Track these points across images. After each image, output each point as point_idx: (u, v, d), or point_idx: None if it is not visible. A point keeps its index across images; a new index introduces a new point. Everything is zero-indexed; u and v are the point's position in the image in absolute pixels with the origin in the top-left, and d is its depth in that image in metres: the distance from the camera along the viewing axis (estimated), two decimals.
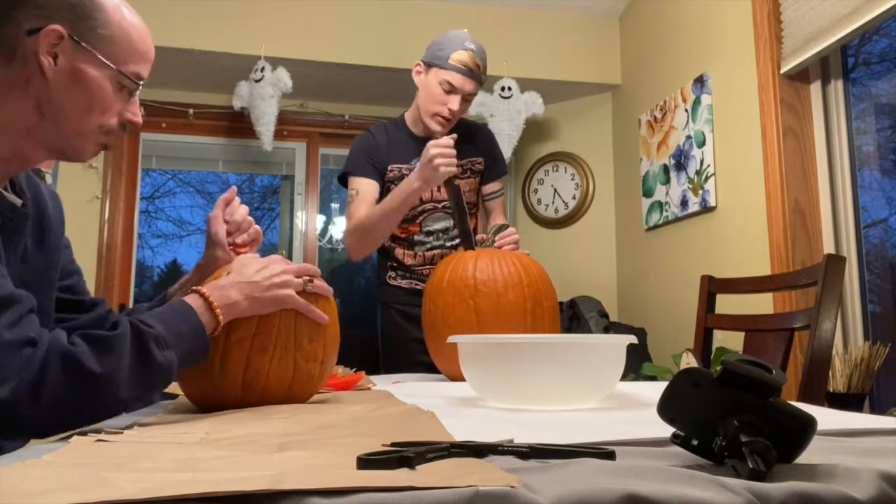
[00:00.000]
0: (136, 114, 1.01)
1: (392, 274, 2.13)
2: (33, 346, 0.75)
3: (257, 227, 1.27)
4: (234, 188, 1.27)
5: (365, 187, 2.01)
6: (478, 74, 1.97)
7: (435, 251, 2.08)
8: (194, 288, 0.97)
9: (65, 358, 0.76)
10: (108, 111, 0.96)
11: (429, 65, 2.00)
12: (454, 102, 1.94)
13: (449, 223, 2.07)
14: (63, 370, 0.75)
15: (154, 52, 1.02)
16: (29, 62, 0.90)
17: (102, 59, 0.93)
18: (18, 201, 0.97)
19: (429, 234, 2.08)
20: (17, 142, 0.93)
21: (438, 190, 2.02)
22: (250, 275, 1.01)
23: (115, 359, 0.79)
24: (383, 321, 2.17)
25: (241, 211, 1.25)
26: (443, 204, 2.05)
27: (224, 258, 1.21)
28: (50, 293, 1.04)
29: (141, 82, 0.99)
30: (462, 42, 1.97)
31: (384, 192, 2.04)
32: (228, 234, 1.23)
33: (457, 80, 1.94)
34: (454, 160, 1.74)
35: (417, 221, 2.06)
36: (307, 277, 1.05)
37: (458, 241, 2.06)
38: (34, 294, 0.86)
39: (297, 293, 1.03)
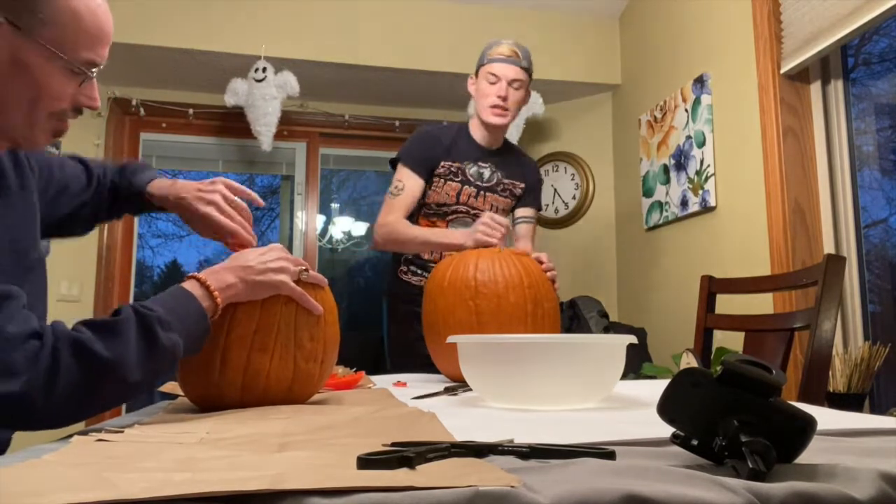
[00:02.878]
0: (93, 97, 0.95)
1: (404, 269, 2.15)
2: (38, 338, 0.75)
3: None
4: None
5: (410, 185, 2.05)
6: (517, 60, 2.06)
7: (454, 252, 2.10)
8: (190, 274, 0.97)
9: (74, 345, 0.75)
10: (57, 99, 0.91)
11: (476, 71, 2.11)
12: (500, 89, 2.03)
13: None
14: (74, 358, 0.75)
15: (112, 28, 0.96)
16: None
17: (48, 47, 0.87)
18: None
19: None
20: None
21: (476, 197, 2.09)
22: (246, 259, 1.00)
23: (122, 343, 0.79)
24: (390, 318, 2.19)
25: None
26: (475, 211, 2.08)
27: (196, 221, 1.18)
28: (29, 250, 1.00)
29: (93, 69, 0.93)
30: (499, 41, 2.10)
31: (429, 183, 2.08)
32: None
33: (497, 68, 2.05)
34: (495, 237, 1.75)
35: (447, 219, 2.08)
36: (303, 266, 1.05)
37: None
38: (19, 235, 0.84)
39: (294, 282, 1.03)
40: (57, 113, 0.92)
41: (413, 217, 2.12)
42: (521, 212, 2.20)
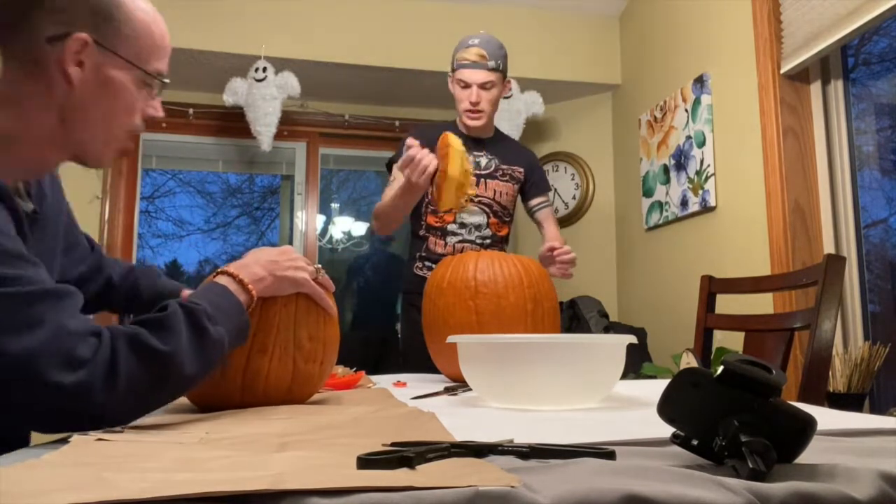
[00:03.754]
0: (158, 108, 0.99)
1: (419, 264, 2.20)
2: (97, 336, 0.75)
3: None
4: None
5: (399, 177, 2.09)
6: (483, 63, 2.08)
7: (465, 244, 2.14)
8: (221, 269, 0.98)
9: (131, 340, 0.76)
10: (132, 112, 0.95)
11: (451, 74, 2.17)
12: (472, 95, 2.09)
13: (483, 219, 2.16)
14: (132, 351, 0.76)
15: (170, 40, 1.00)
16: (51, 71, 0.87)
17: (128, 60, 0.91)
18: (30, 206, 0.97)
19: (462, 225, 2.15)
20: (39, 149, 0.91)
21: (477, 185, 2.13)
22: (270, 255, 1.02)
23: (175, 336, 0.79)
24: (403, 314, 2.22)
25: None
26: (479, 199, 2.13)
27: None
28: (54, 267, 1.04)
29: (165, 79, 0.97)
30: (467, 41, 2.12)
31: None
32: None
33: (465, 75, 2.10)
34: (424, 164, 1.77)
35: (454, 212, 2.10)
36: (319, 266, 1.08)
37: (489, 240, 2.16)
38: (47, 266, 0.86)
39: None
40: (131, 129, 0.96)
41: (420, 216, 2.19)
42: (535, 200, 2.25)
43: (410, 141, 1.84)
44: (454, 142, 1.69)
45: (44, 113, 0.89)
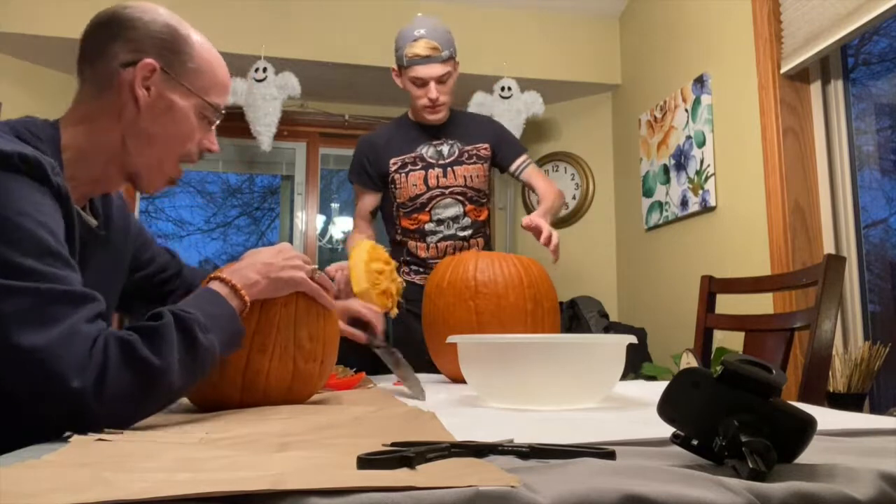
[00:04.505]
0: (213, 142, 1.08)
1: (406, 269, 2.15)
2: (95, 341, 0.76)
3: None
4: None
5: (362, 201, 2.16)
6: (437, 55, 2.00)
7: (447, 242, 2.10)
8: (213, 275, 0.98)
9: (124, 348, 0.77)
10: (190, 140, 1.03)
11: (397, 68, 2.09)
12: (430, 91, 2.01)
13: (459, 210, 2.10)
14: (123, 360, 0.76)
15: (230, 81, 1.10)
16: (123, 93, 0.96)
17: (191, 89, 1.00)
18: (94, 222, 1.02)
19: (439, 222, 2.10)
20: (103, 167, 0.99)
21: (445, 175, 2.08)
22: (265, 257, 1.02)
23: (168, 348, 0.80)
24: (393, 319, 2.19)
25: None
26: (450, 189, 2.08)
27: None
28: (109, 298, 1.05)
29: (223, 111, 1.05)
30: (412, 33, 2.03)
31: (389, 183, 2.10)
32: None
33: (419, 71, 2.01)
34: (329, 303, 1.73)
35: (427, 209, 2.07)
36: (315, 266, 1.08)
37: (469, 230, 2.09)
38: (104, 289, 0.88)
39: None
40: (186, 154, 1.04)
41: (393, 221, 2.15)
42: (514, 164, 2.16)
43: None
44: (352, 257, 1.56)
45: (112, 132, 0.98)
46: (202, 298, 0.93)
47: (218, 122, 1.07)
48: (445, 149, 2.10)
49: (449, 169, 2.08)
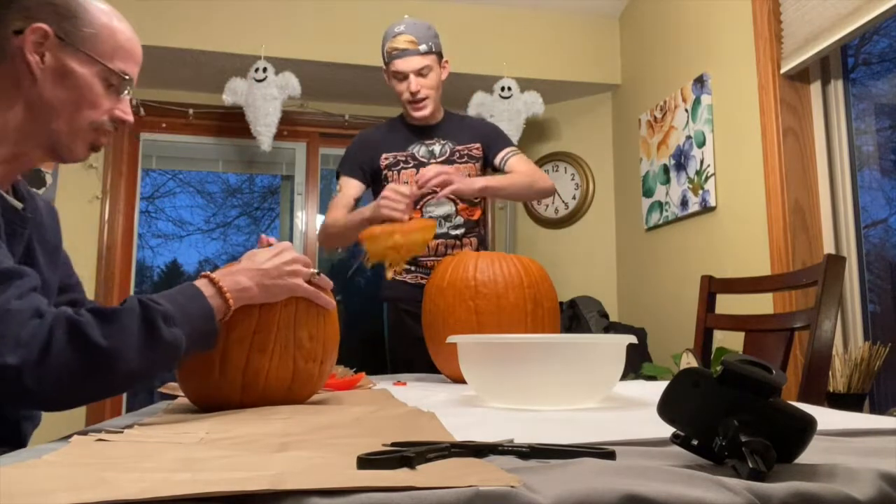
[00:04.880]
0: (127, 112, 1.02)
1: (398, 269, 2.14)
2: (40, 317, 0.76)
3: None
4: (264, 236, 1.25)
5: (347, 188, 2.12)
6: (414, 49, 2.01)
7: (439, 240, 2.08)
8: (204, 273, 0.97)
9: (70, 327, 0.76)
10: (97, 108, 0.98)
11: (384, 67, 2.10)
12: (411, 84, 2.02)
13: (450, 209, 2.09)
14: (68, 339, 0.75)
15: (141, 54, 1.04)
16: (17, 62, 0.92)
17: (89, 54, 0.95)
18: (19, 205, 0.98)
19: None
20: (14, 143, 0.95)
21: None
22: (261, 262, 1.01)
23: (120, 332, 0.79)
24: (389, 319, 2.18)
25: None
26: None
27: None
28: (49, 294, 1.04)
29: (128, 77, 1.00)
30: (393, 30, 2.05)
31: (382, 179, 2.10)
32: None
33: (398, 65, 2.03)
34: (399, 208, 1.76)
35: (418, 208, 2.07)
36: (315, 270, 1.06)
37: (462, 229, 2.09)
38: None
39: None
40: (96, 123, 0.99)
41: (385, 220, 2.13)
42: (498, 157, 2.13)
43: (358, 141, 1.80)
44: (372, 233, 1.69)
45: (13, 104, 0.93)
46: (180, 292, 0.92)
47: (129, 90, 1.01)
48: (437, 148, 2.10)
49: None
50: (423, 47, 2.01)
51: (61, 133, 0.97)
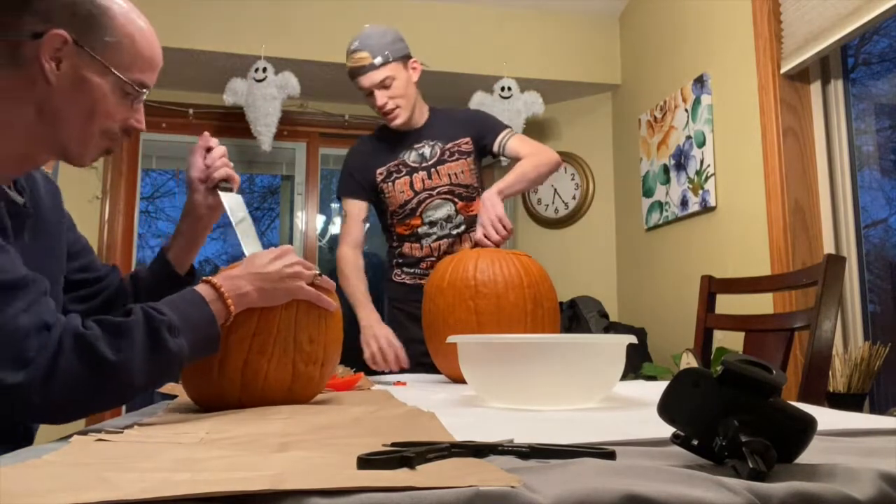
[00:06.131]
0: (141, 121, 1.01)
1: (398, 271, 2.14)
2: (48, 329, 0.75)
3: (231, 171, 1.22)
4: (207, 133, 1.25)
5: (352, 209, 2.14)
6: (369, 65, 1.99)
7: (442, 241, 2.08)
8: (205, 278, 0.97)
9: (78, 341, 0.76)
10: (110, 117, 0.96)
11: None
12: (378, 98, 2.02)
13: (450, 210, 2.08)
14: (77, 355, 0.75)
15: (161, 57, 1.03)
16: (33, 67, 0.89)
17: (106, 65, 0.93)
18: (21, 199, 0.97)
19: (432, 224, 2.08)
20: (22, 143, 0.94)
21: (430, 177, 2.06)
22: (262, 265, 1.01)
23: (129, 346, 0.79)
24: (387, 319, 2.18)
25: (217, 150, 1.23)
26: (437, 190, 2.07)
27: (203, 201, 1.21)
28: (55, 282, 1.03)
29: (145, 90, 0.99)
30: (350, 48, 2.03)
31: (379, 192, 2.10)
32: (206, 173, 1.21)
33: (360, 83, 2.03)
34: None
35: (418, 213, 2.07)
36: (317, 271, 1.06)
37: (462, 227, 2.08)
38: (49, 275, 0.86)
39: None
40: (108, 131, 0.97)
41: (390, 230, 2.15)
42: (496, 141, 2.08)
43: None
44: None
45: (24, 107, 0.91)
46: (183, 299, 0.92)
47: (142, 98, 1.00)
48: (427, 150, 2.09)
49: (433, 170, 2.07)
50: (377, 60, 1.98)
51: (72, 140, 0.95)
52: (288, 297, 1.01)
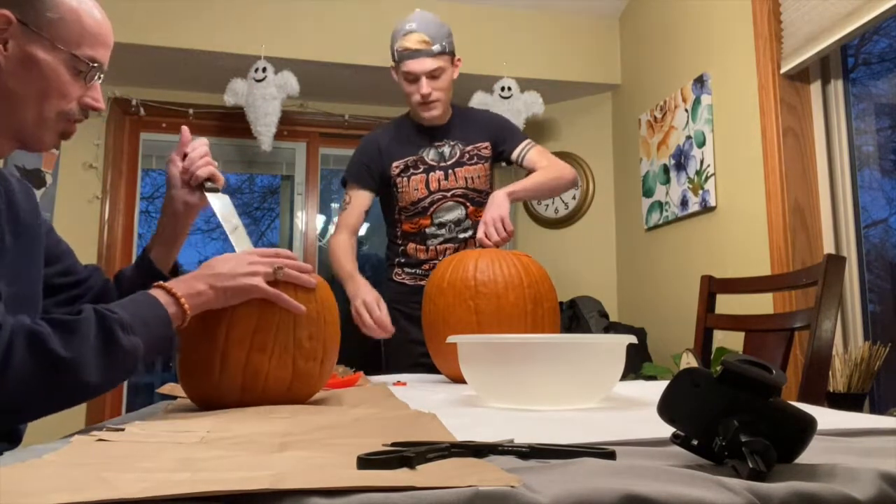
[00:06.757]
0: (97, 99, 0.99)
1: (398, 270, 2.13)
2: None
3: (214, 169, 1.21)
4: (186, 129, 1.25)
5: (356, 199, 2.09)
6: (427, 49, 1.94)
7: (448, 245, 2.07)
8: (157, 283, 0.96)
9: (29, 338, 0.75)
10: (65, 96, 0.95)
11: (393, 65, 2.04)
12: (422, 86, 1.96)
13: (461, 213, 2.06)
14: (28, 351, 0.74)
15: (112, 35, 1.00)
16: None
17: (53, 42, 0.91)
18: None
19: (441, 226, 2.06)
20: None
21: (446, 178, 2.04)
22: (216, 266, 0.99)
23: (80, 342, 0.78)
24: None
25: (199, 149, 1.23)
26: (451, 192, 2.05)
27: (182, 198, 1.19)
28: (34, 285, 1.02)
29: (96, 65, 0.97)
30: (404, 27, 1.97)
31: (391, 186, 2.07)
32: (185, 171, 1.20)
33: (410, 66, 1.95)
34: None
35: (429, 213, 2.05)
36: (278, 266, 1.02)
37: (470, 233, 2.06)
38: (15, 287, 0.84)
39: (270, 283, 1.00)
40: (64, 113, 0.95)
41: (395, 224, 2.12)
42: (516, 151, 2.09)
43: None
44: None
45: None
46: (134, 301, 0.91)
47: (99, 77, 0.98)
48: (447, 150, 2.07)
49: (450, 171, 2.05)
50: (436, 47, 1.94)
51: (28, 122, 0.93)
52: (244, 296, 0.98)
